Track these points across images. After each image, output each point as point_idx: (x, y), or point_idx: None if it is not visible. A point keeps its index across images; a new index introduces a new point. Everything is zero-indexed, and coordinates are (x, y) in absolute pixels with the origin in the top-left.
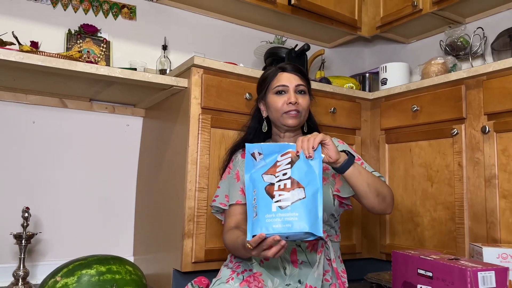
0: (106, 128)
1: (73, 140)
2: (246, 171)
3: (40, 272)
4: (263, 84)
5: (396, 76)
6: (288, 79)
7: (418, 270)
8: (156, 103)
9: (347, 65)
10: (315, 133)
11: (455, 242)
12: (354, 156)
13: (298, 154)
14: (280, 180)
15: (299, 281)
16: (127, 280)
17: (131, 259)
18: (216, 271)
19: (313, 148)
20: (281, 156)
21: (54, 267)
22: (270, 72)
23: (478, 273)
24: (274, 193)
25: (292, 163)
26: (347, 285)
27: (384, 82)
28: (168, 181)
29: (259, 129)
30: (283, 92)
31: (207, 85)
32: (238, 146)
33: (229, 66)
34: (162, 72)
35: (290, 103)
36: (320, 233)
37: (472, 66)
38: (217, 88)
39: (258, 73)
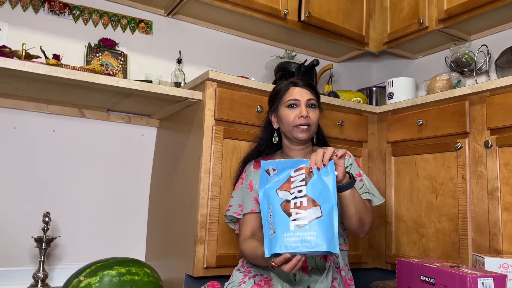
0: (121, 137)
1: (90, 149)
2: (260, 186)
3: (56, 276)
4: (276, 97)
5: (402, 90)
6: (300, 94)
7: (422, 277)
8: (170, 114)
9: (355, 80)
10: (330, 148)
11: (458, 253)
12: (355, 180)
13: (311, 170)
14: (296, 198)
15: (308, 287)
16: (145, 282)
17: None
18: (227, 276)
19: (323, 164)
20: (294, 171)
21: (69, 271)
22: (283, 86)
23: (478, 279)
24: (291, 211)
25: (306, 179)
26: None
27: (391, 96)
28: (181, 189)
29: (270, 140)
30: (295, 106)
31: (221, 98)
32: (250, 157)
33: (242, 80)
34: (177, 84)
35: (301, 116)
36: (337, 251)
37: (477, 82)
38: (230, 101)
39: (269, 87)
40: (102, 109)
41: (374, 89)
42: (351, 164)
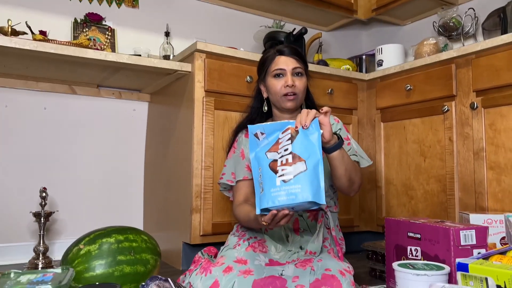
0: (113, 112)
1: (83, 125)
2: (250, 150)
3: (57, 249)
4: (263, 67)
5: (391, 57)
6: (285, 63)
7: (408, 233)
8: (160, 88)
9: (345, 48)
10: (314, 110)
11: (446, 212)
12: (343, 141)
13: (297, 129)
14: (282, 156)
15: (300, 247)
16: (143, 248)
17: None
18: (223, 243)
19: (306, 124)
20: (282, 133)
21: (69, 244)
22: (269, 55)
23: (460, 231)
24: (278, 168)
25: (292, 138)
26: (344, 250)
27: (380, 63)
28: (175, 161)
29: (261, 109)
30: (281, 75)
31: (210, 69)
32: (242, 126)
33: (231, 51)
34: (166, 58)
35: (287, 86)
36: (323, 201)
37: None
38: (219, 72)
39: (258, 56)
40: (92, 85)
41: (363, 57)
42: (340, 129)
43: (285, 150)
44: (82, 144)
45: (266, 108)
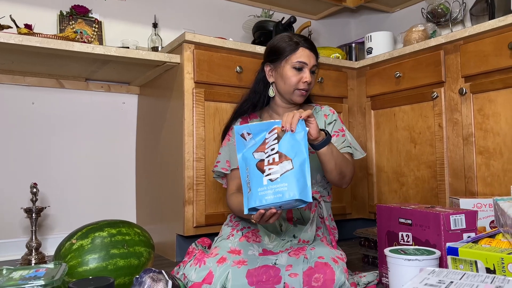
0: (103, 106)
1: (72, 119)
2: (238, 151)
3: (49, 245)
4: (281, 53)
5: (381, 45)
6: (308, 58)
7: (399, 219)
8: (150, 80)
9: (334, 36)
10: (301, 110)
11: (437, 197)
12: (330, 137)
13: (283, 129)
14: (269, 155)
15: (294, 236)
16: (136, 241)
17: None
18: (216, 234)
19: (299, 118)
20: (269, 133)
21: (61, 239)
22: (291, 43)
23: (450, 216)
24: (264, 167)
25: (278, 138)
26: (337, 238)
27: (370, 51)
28: (166, 153)
29: (264, 93)
30: (300, 69)
31: (199, 60)
32: (244, 111)
33: (219, 41)
34: (154, 49)
35: (305, 81)
36: (309, 199)
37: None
38: (209, 63)
39: (247, 46)
40: (81, 79)
41: (353, 45)
42: (335, 120)
43: (272, 149)
44: (72, 138)
45: (272, 93)
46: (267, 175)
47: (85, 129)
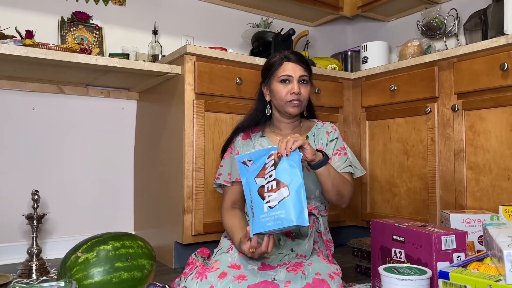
0: (102, 111)
1: (72, 124)
2: (241, 176)
3: (49, 249)
4: (269, 71)
5: (376, 54)
6: (293, 70)
7: (393, 236)
8: (149, 87)
9: (330, 44)
10: (296, 135)
11: (428, 209)
12: (328, 158)
13: (279, 155)
14: (268, 182)
15: (292, 250)
16: (139, 254)
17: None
18: (214, 242)
19: (291, 149)
20: (268, 158)
21: (61, 244)
22: (276, 60)
23: (442, 237)
24: (265, 194)
25: (275, 164)
26: (333, 251)
27: (365, 60)
28: (165, 162)
29: (264, 110)
30: (287, 81)
31: (200, 71)
32: (246, 127)
33: (220, 53)
34: (154, 56)
35: (293, 93)
36: (306, 223)
37: (446, 46)
38: (209, 74)
39: (247, 58)
40: (81, 85)
41: (349, 53)
42: (336, 138)
43: (270, 176)
44: (71, 143)
45: (270, 111)
46: (267, 202)
47: (84, 134)
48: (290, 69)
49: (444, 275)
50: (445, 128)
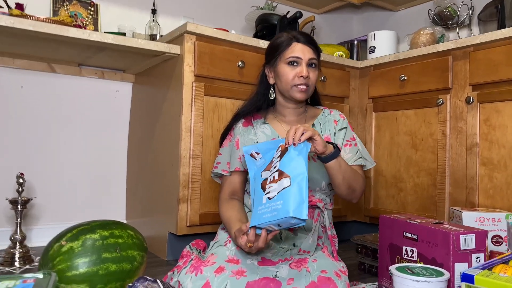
0: (95, 93)
1: (62, 105)
2: (250, 170)
3: (34, 236)
4: (275, 51)
5: (384, 44)
6: (302, 51)
7: (404, 233)
8: (146, 69)
9: (335, 33)
10: (307, 125)
11: (435, 206)
12: (339, 150)
13: (287, 146)
14: (271, 174)
15: (294, 245)
16: (129, 244)
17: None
18: (211, 233)
19: (299, 140)
20: (276, 151)
21: (47, 231)
22: (284, 40)
23: (460, 236)
24: (266, 186)
25: (281, 155)
26: (337, 247)
27: (372, 50)
28: (161, 148)
29: (267, 94)
30: (295, 64)
31: (200, 52)
32: (246, 112)
33: (222, 33)
34: (152, 37)
35: (301, 76)
36: (305, 216)
37: (459, 36)
38: (210, 56)
39: (250, 40)
40: (73, 64)
41: (355, 42)
42: (345, 128)
43: (274, 168)
44: (62, 125)
45: (273, 95)
46: (267, 193)
47: (76, 117)
48: (299, 50)
49: (468, 278)
50: (457, 121)
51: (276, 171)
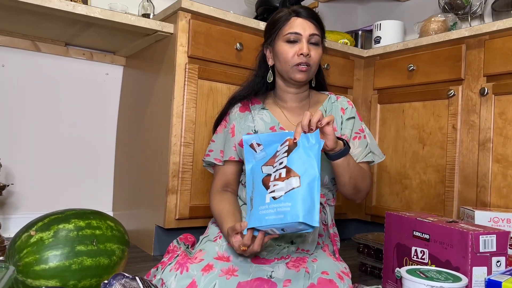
0: (83, 76)
1: (47, 87)
2: (247, 162)
3: (13, 225)
4: (273, 28)
5: (390, 34)
6: (302, 26)
7: (414, 232)
8: (138, 50)
9: (339, 21)
10: (319, 111)
11: (443, 205)
12: (349, 148)
13: (295, 141)
14: (276, 170)
15: (292, 242)
16: (108, 236)
17: (110, 214)
18: (201, 228)
19: (319, 124)
20: (281, 145)
21: (27, 220)
22: (283, 15)
23: (480, 236)
24: (270, 183)
25: (289, 150)
26: (339, 247)
27: (378, 40)
28: (150, 135)
29: (264, 78)
30: (294, 41)
31: (195, 31)
32: (243, 96)
33: (220, 12)
34: (145, 17)
35: (301, 54)
36: (316, 224)
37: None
38: (206, 36)
39: (250, 21)
40: (60, 43)
41: (360, 32)
42: (353, 117)
43: (280, 163)
44: (46, 109)
45: (271, 78)
46: (271, 192)
47: (61, 100)
48: (299, 25)
49: (495, 285)
50: (469, 114)
51: (282, 168)
